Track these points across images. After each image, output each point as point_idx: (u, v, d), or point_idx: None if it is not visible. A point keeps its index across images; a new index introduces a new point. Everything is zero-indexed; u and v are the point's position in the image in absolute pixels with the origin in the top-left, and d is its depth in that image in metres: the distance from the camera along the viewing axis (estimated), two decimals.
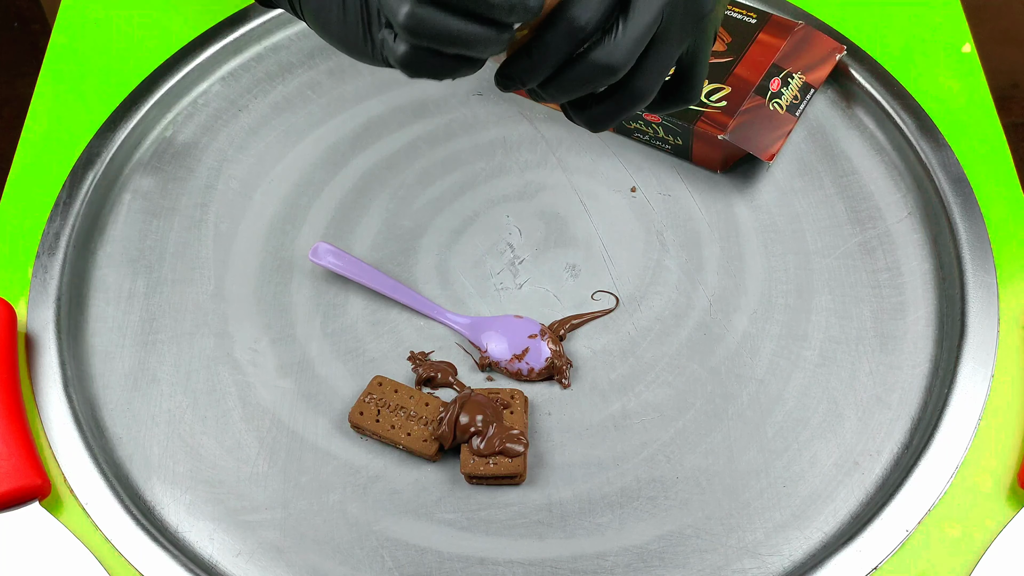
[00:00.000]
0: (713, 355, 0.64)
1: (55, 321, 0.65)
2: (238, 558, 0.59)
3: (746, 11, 0.72)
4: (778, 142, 0.68)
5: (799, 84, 0.70)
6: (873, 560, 0.57)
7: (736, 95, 0.68)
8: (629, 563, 0.58)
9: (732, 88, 0.68)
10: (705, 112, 0.68)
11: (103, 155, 0.72)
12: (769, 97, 0.68)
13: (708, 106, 0.68)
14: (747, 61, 0.70)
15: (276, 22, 0.78)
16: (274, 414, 0.63)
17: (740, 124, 0.67)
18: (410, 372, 0.64)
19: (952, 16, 0.77)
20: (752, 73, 0.69)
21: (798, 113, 0.69)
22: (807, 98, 0.70)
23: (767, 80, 0.69)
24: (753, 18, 0.72)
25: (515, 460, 0.59)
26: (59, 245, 0.68)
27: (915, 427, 0.61)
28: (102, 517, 0.59)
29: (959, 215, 0.67)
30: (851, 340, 0.64)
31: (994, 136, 0.72)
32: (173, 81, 0.75)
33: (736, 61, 0.70)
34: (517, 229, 0.70)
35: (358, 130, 0.74)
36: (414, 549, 0.58)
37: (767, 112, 0.68)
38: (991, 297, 0.64)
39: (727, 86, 0.69)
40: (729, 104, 0.68)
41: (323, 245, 0.67)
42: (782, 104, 0.68)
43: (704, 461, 0.61)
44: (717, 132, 0.67)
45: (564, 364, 0.63)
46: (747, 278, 0.67)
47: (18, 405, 0.61)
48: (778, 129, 0.68)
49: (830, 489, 0.60)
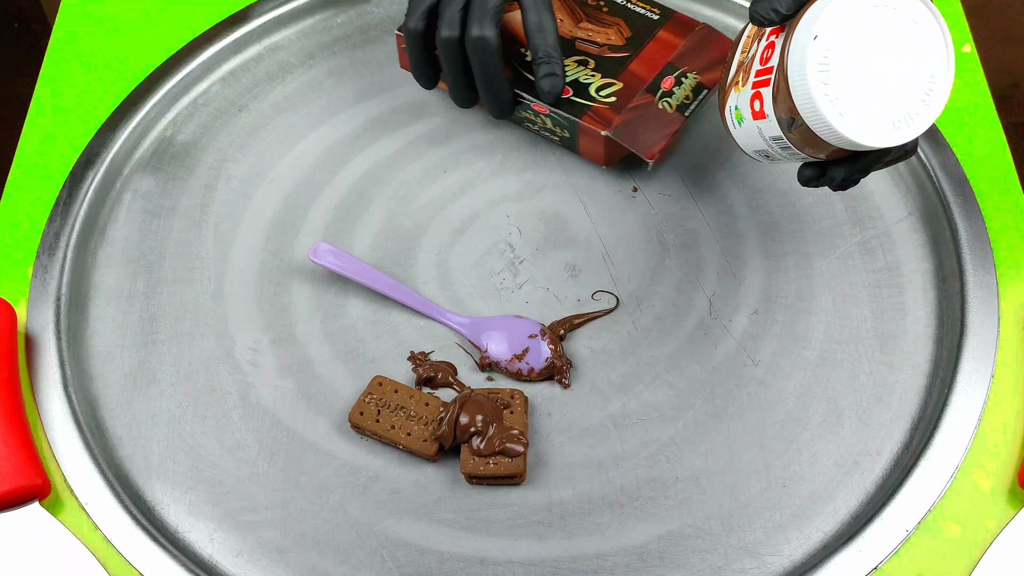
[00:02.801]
0: (713, 355, 0.64)
1: (55, 321, 0.65)
2: (238, 558, 0.59)
3: (649, 6, 0.72)
4: (661, 142, 0.67)
5: (692, 84, 0.69)
6: (873, 560, 0.57)
7: (626, 91, 0.68)
8: (629, 563, 0.58)
9: (624, 84, 0.68)
10: (593, 107, 0.67)
11: (103, 155, 0.72)
12: (660, 95, 0.68)
13: (597, 101, 0.68)
14: (643, 57, 0.69)
15: (276, 22, 0.78)
16: (274, 414, 0.63)
17: (625, 121, 0.67)
18: (410, 372, 0.64)
19: (952, 16, 0.77)
20: (646, 70, 0.69)
21: (687, 113, 0.68)
22: (699, 99, 0.69)
23: (660, 78, 0.69)
24: (656, 14, 0.71)
25: (515, 460, 0.59)
26: (59, 245, 0.68)
27: (915, 427, 0.61)
28: (102, 517, 0.59)
29: (959, 215, 0.67)
30: (851, 340, 0.64)
31: (994, 136, 0.72)
32: (173, 81, 0.75)
33: (632, 57, 0.69)
34: (517, 229, 0.70)
35: (358, 130, 0.74)
36: (414, 549, 0.59)
37: (655, 111, 0.68)
38: (991, 297, 0.64)
39: (619, 82, 0.68)
40: (618, 100, 0.68)
41: (323, 245, 0.67)
42: (672, 103, 0.68)
43: (704, 461, 0.61)
44: (601, 128, 0.67)
45: (564, 364, 0.63)
46: (747, 278, 0.67)
47: (18, 405, 0.61)
48: (664, 128, 0.67)
49: (830, 489, 0.60)
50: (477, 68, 0.66)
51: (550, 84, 0.66)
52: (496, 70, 0.65)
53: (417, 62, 0.69)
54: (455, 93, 0.69)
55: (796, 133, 0.54)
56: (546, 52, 0.65)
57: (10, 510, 0.58)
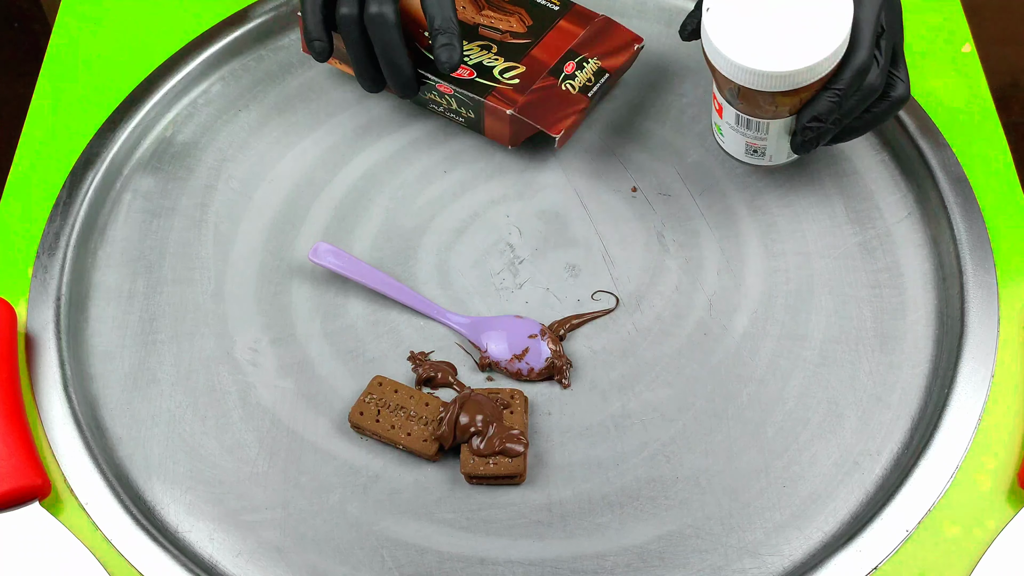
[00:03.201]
0: (713, 355, 0.64)
1: (55, 321, 0.65)
2: (238, 558, 0.59)
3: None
4: (568, 119, 0.68)
5: (594, 68, 0.70)
6: (873, 560, 0.57)
7: (529, 74, 0.69)
8: (629, 563, 0.58)
9: (526, 68, 0.69)
10: (497, 87, 0.69)
11: (103, 155, 0.72)
12: (562, 78, 0.69)
13: (501, 83, 0.69)
14: (545, 45, 0.71)
15: (276, 22, 0.78)
16: (274, 414, 0.63)
17: (530, 101, 0.68)
18: (410, 372, 0.64)
19: (952, 16, 0.77)
20: (548, 56, 0.70)
21: (591, 94, 0.70)
22: (601, 82, 0.70)
23: (562, 63, 0.70)
24: (556, 5, 0.73)
25: (515, 460, 0.59)
26: (59, 245, 0.68)
27: (915, 427, 0.61)
28: (102, 517, 0.59)
29: (959, 215, 0.67)
30: (851, 340, 0.64)
31: (994, 136, 0.72)
32: (173, 81, 0.75)
33: (534, 44, 0.71)
34: (517, 229, 0.70)
35: (358, 130, 0.74)
36: (414, 549, 0.59)
37: (559, 92, 0.69)
38: (991, 297, 0.64)
39: (522, 65, 0.69)
40: (521, 82, 0.69)
41: (323, 245, 0.67)
42: (575, 85, 0.69)
43: (704, 461, 0.61)
44: (506, 107, 0.68)
45: (564, 364, 0.63)
46: (747, 278, 0.67)
47: (18, 405, 0.61)
48: (569, 107, 0.69)
49: (830, 489, 0.60)
50: (378, 45, 0.66)
51: (447, 54, 0.65)
52: (395, 46, 0.66)
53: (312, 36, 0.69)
54: (358, 73, 0.69)
55: (741, 100, 0.62)
56: (443, 22, 0.65)
57: (10, 510, 0.58)
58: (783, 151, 0.67)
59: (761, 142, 0.66)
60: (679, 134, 0.73)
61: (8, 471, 0.58)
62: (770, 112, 0.62)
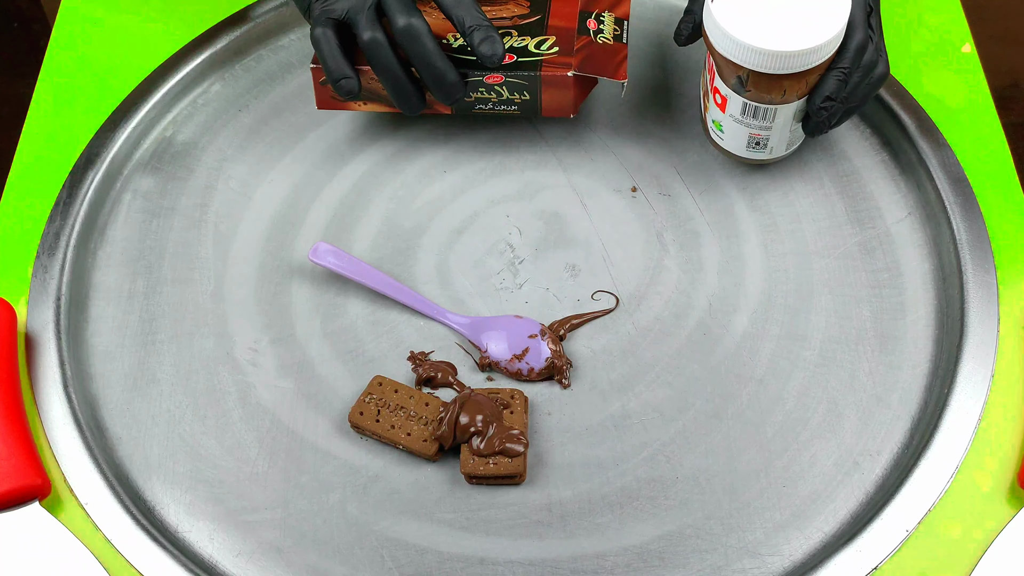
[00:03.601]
0: (713, 355, 0.64)
1: (55, 321, 0.65)
2: (238, 558, 0.59)
3: None
4: (622, 65, 0.68)
5: (612, 19, 0.70)
6: (873, 560, 0.57)
7: (563, 41, 0.68)
8: (629, 563, 0.58)
9: (556, 36, 0.68)
10: (544, 59, 0.67)
11: (103, 155, 0.72)
12: (594, 34, 0.69)
13: (543, 54, 0.67)
14: (555, 14, 0.70)
15: (276, 22, 0.78)
16: (274, 414, 0.63)
17: (583, 59, 0.67)
18: (410, 372, 0.64)
19: (952, 16, 0.77)
20: (567, 22, 0.69)
21: (625, 40, 0.69)
22: (625, 29, 0.70)
23: (583, 23, 0.69)
24: None
25: (515, 460, 0.59)
26: (59, 245, 0.68)
27: (915, 427, 0.61)
28: (102, 517, 0.59)
29: (959, 215, 0.67)
30: (851, 340, 0.64)
31: (994, 136, 0.72)
32: (173, 81, 0.75)
33: (546, 16, 0.70)
34: (517, 229, 0.70)
35: (358, 130, 0.74)
36: (414, 549, 0.59)
37: (599, 46, 0.68)
38: (991, 297, 0.64)
39: (550, 36, 0.68)
40: (562, 48, 0.68)
41: (323, 245, 0.67)
42: (608, 37, 0.69)
43: (704, 461, 0.61)
44: (565, 70, 0.66)
45: (564, 364, 0.63)
46: (747, 278, 0.67)
47: (18, 405, 0.61)
48: (616, 55, 0.68)
49: (830, 489, 0.60)
50: (415, 58, 0.63)
51: (490, 48, 0.63)
52: (435, 53, 0.63)
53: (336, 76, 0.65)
54: (398, 96, 0.66)
55: (750, 86, 0.63)
56: (474, 20, 0.64)
57: (10, 510, 0.58)
58: (784, 141, 0.67)
59: (766, 132, 0.66)
60: (679, 134, 0.73)
61: (8, 471, 0.58)
62: (779, 98, 0.63)
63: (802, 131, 0.67)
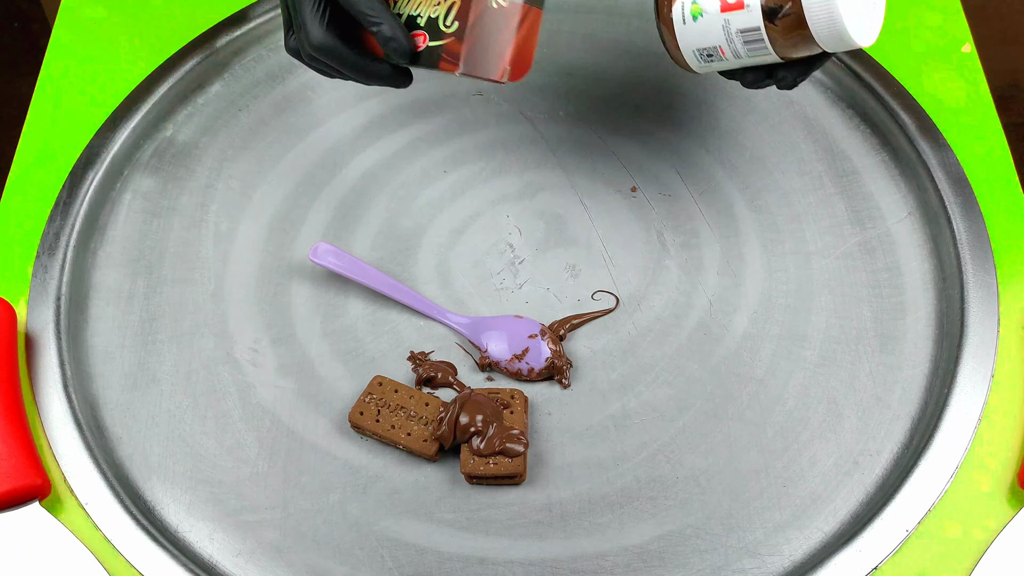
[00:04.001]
0: (713, 355, 0.64)
1: (55, 321, 0.65)
2: (238, 558, 0.59)
3: None
4: (507, 48, 0.58)
5: None
6: (873, 560, 0.57)
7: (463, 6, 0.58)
8: (629, 563, 0.58)
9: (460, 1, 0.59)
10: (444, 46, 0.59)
11: (103, 155, 0.72)
12: None
13: (445, 35, 0.59)
14: None
15: (276, 22, 0.78)
16: (274, 414, 0.63)
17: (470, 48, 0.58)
18: (410, 372, 0.64)
19: (952, 16, 0.77)
20: None
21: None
22: None
23: None
24: None
25: (515, 460, 0.59)
26: (59, 245, 0.68)
27: (915, 427, 0.61)
28: (102, 517, 0.59)
29: (959, 215, 0.67)
30: (851, 340, 0.64)
31: (994, 136, 0.72)
32: (173, 81, 0.75)
33: None
34: (517, 229, 0.70)
35: (358, 130, 0.74)
36: (414, 549, 0.59)
37: (491, 12, 0.58)
38: (991, 297, 0.64)
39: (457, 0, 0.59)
40: (459, 24, 0.58)
41: (323, 245, 0.67)
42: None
43: (704, 461, 0.61)
44: (454, 68, 0.58)
45: (564, 364, 0.63)
46: (747, 278, 0.67)
47: (18, 405, 0.61)
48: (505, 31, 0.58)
49: (830, 489, 0.60)
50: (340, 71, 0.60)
51: (394, 47, 0.58)
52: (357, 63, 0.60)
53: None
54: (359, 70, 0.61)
55: (779, 23, 0.57)
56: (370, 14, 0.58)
57: (10, 510, 0.58)
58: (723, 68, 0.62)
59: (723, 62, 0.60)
60: (679, 134, 0.73)
61: (8, 471, 0.58)
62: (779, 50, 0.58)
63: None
